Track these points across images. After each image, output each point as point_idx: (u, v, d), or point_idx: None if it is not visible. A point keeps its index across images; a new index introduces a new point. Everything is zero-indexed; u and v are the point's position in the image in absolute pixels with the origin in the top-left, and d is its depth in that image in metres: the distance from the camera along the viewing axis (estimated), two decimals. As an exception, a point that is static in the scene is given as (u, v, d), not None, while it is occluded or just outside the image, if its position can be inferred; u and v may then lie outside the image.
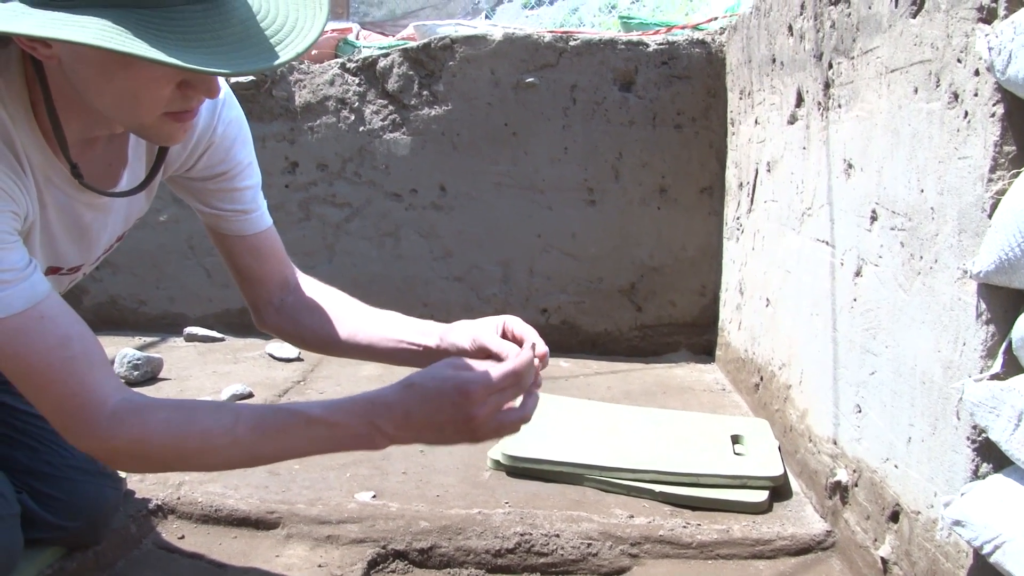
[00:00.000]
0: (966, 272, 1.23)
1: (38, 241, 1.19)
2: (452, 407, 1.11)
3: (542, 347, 1.24)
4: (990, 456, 1.21)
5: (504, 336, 1.30)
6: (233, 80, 3.32)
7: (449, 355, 1.33)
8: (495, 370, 1.12)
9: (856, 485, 1.68)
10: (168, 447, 1.09)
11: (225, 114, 1.35)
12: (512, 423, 1.16)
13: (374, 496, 1.92)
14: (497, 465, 2.08)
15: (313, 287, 1.53)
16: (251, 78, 3.34)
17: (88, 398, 1.06)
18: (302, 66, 3.41)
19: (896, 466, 1.48)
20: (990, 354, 1.20)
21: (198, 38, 0.93)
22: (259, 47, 0.98)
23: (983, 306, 1.20)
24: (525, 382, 1.16)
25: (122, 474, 1.80)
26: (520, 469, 2.04)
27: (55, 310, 1.07)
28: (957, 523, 1.17)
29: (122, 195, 1.26)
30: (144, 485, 1.93)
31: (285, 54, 0.98)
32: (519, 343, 1.27)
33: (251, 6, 1.01)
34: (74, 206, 1.22)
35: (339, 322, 1.46)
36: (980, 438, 1.21)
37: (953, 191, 1.28)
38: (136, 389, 2.61)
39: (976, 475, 1.22)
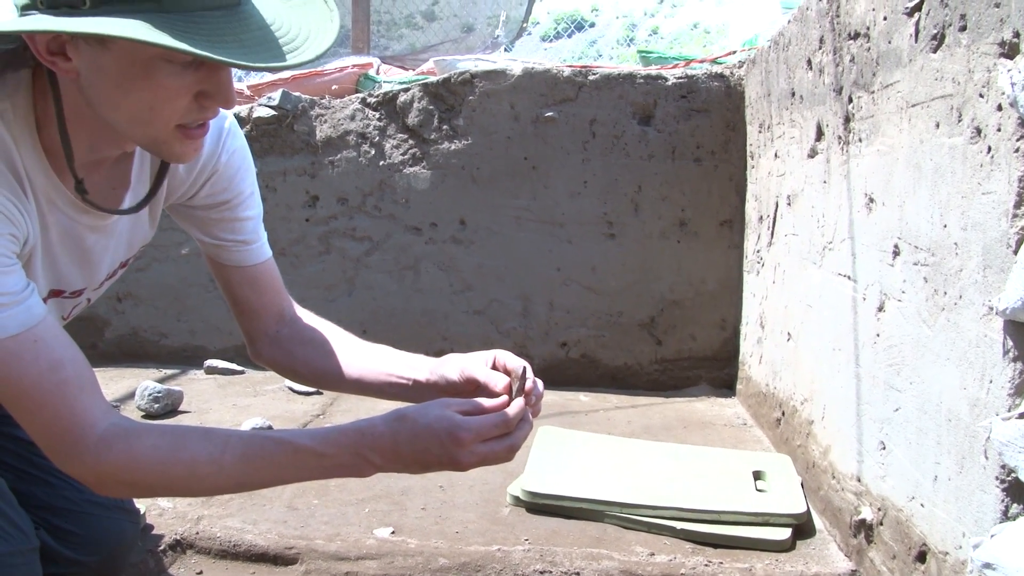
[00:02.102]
0: (992, 308, 1.22)
1: (40, 264, 1.20)
2: (440, 448, 1.13)
3: (531, 382, 1.25)
4: (1020, 497, 1.18)
5: (495, 369, 1.31)
6: (256, 114, 3.36)
7: (438, 387, 1.36)
8: (487, 418, 1.15)
9: (881, 524, 1.65)
10: (155, 473, 1.10)
11: (230, 143, 1.37)
12: (497, 462, 1.19)
13: (393, 532, 1.90)
14: (517, 501, 2.06)
15: (308, 320, 1.53)
16: (274, 113, 3.37)
17: (77, 422, 1.07)
18: (323, 101, 3.44)
19: (922, 505, 1.46)
20: (1018, 392, 1.18)
21: (220, 40, 0.97)
22: (279, 50, 1.02)
23: (1010, 343, 1.18)
24: (516, 433, 1.19)
25: (141, 508, 1.80)
26: (540, 505, 2.02)
27: (49, 333, 1.08)
28: (987, 566, 1.15)
29: (123, 213, 1.27)
30: (163, 520, 1.93)
31: (301, 56, 1.03)
32: (510, 376, 1.28)
33: (265, 18, 1.05)
34: (76, 228, 1.23)
35: (331, 356, 1.47)
36: (1010, 478, 1.19)
37: (977, 226, 1.27)
38: (157, 422, 2.62)
39: (1006, 516, 1.20)
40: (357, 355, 1.47)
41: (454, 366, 1.35)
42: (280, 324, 1.51)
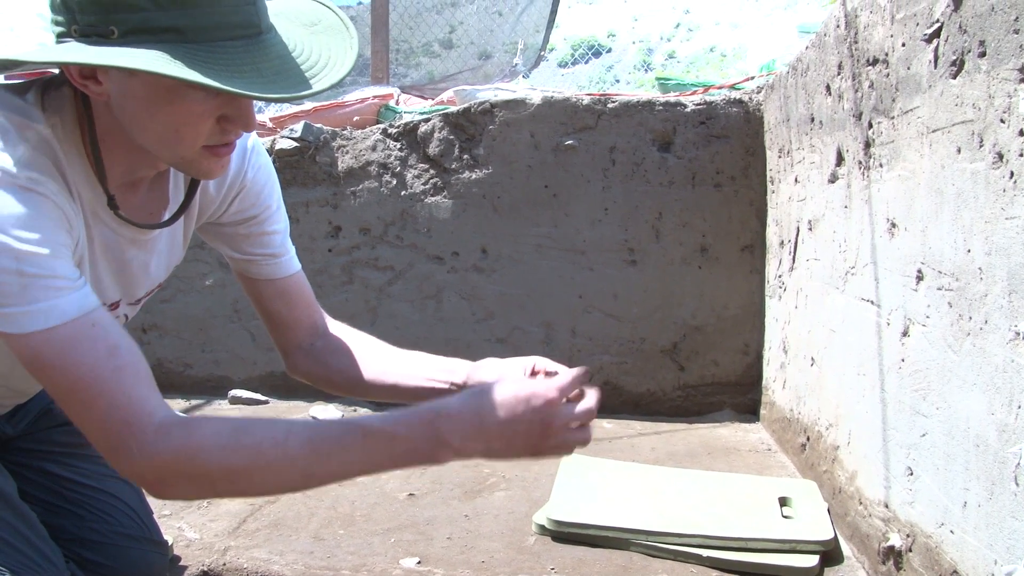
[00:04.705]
0: (1018, 334, 1.21)
1: (88, 275, 1.22)
2: (532, 413, 1.10)
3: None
4: (1050, 522, 1.17)
5: (535, 375, 1.33)
6: (278, 146, 3.39)
7: None
8: (564, 378, 1.13)
9: (911, 550, 1.64)
10: (216, 462, 1.05)
11: (254, 160, 1.40)
12: (575, 441, 1.16)
13: (419, 562, 1.91)
14: (542, 530, 2.06)
15: (340, 330, 1.54)
16: (296, 145, 3.41)
17: (135, 411, 1.04)
18: (344, 132, 3.48)
19: (952, 531, 1.45)
20: (1046, 417, 1.17)
21: (239, 70, 1.00)
22: (296, 78, 1.05)
23: (1037, 368, 1.18)
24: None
25: (168, 540, 1.81)
26: (565, 534, 2.02)
27: (106, 319, 1.07)
28: (1018, 593, 1.14)
29: (158, 226, 1.30)
30: (190, 551, 1.94)
31: (320, 84, 1.05)
32: None
33: (287, 44, 1.08)
34: (118, 241, 1.25)
35: (366, 364, 1.48)
36: (1039, 504, 1.18)
37: (1001, 251, 1.27)
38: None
39: (1036, 542, 1.19)
40: (392, 362, 1.48)
41: (496, 371, 1.35)
42: (314, 336, 1.53)
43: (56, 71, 1.14)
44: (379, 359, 1.49)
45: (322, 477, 1.11)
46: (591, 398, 1.16)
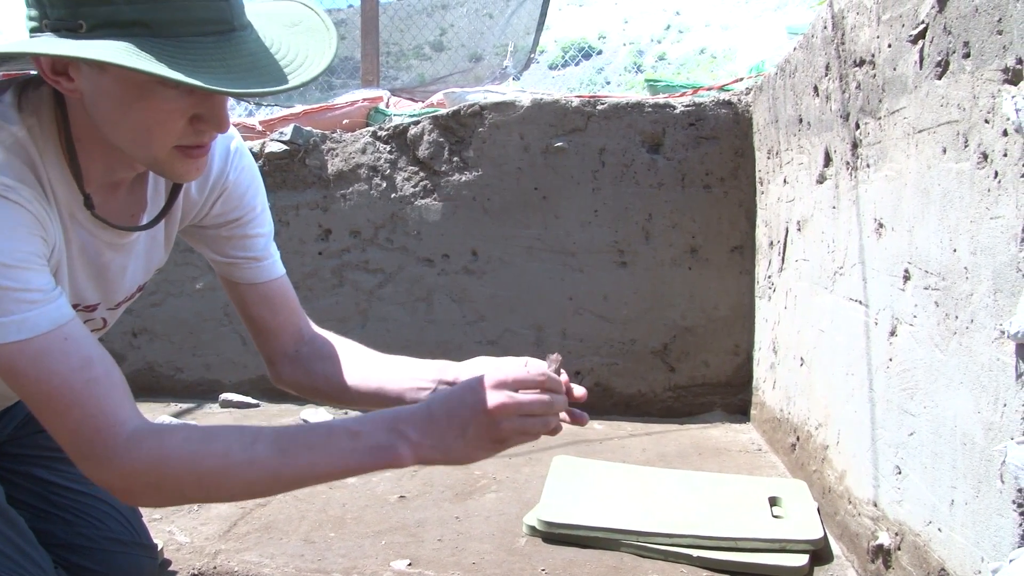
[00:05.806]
0: (1004, 332, 1.22)
1: (66, 278, 1.21)
2: (473, 397, 1.12)
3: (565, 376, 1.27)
4: (1036, 520, 1.18)
5: None
6: (268, 149, 3.39)
7: None
8: (517, 371, 1.15)
9: (899, 548, 1.64)
10: (185, 468, 1.07)
11: (237, 162, 1.39)
12: (536, 426, 1.15)
13: (409, 564, 1.91)
14: (533, 531, 2.06)
15: (325, 337, 1.54)
16: (286, 148, 3.41)
17: (106, 421, 1.05)
18: (334, 135, 3.48)
19: (940, 529, 1.46)
20: (1031, 415, 1.18)
21: (207, 65, 0.99)
22: (268, 75, 1.04)
23: (1023, 367, 1.19)
24: (552, 390, 1.18)
25: (159, 544, 1.81)
26: (556, 535, 2.02)
27: (79, 332, 1.08)
28: (1005, 590, 1.14)
29: (137, 229, 1.29)
30: (180, 555, 1.94)
31: (295, 80, 1.05)
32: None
33: (264, 41, 1.08)
34: (95, 244, 1.25)
35: (351, 369, 1.47)
36: (1025, 501, 1.18)
37: (986, 251, 1.28)
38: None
39: None
40: (378, 366, 1.47)
41: (487, 369, 1.35)
42: (299, 343, 1.52)
43: (35, 71, 1.14)
44: (363, 364, 1.48)
45: (289, 478, 1.13)
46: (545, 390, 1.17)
